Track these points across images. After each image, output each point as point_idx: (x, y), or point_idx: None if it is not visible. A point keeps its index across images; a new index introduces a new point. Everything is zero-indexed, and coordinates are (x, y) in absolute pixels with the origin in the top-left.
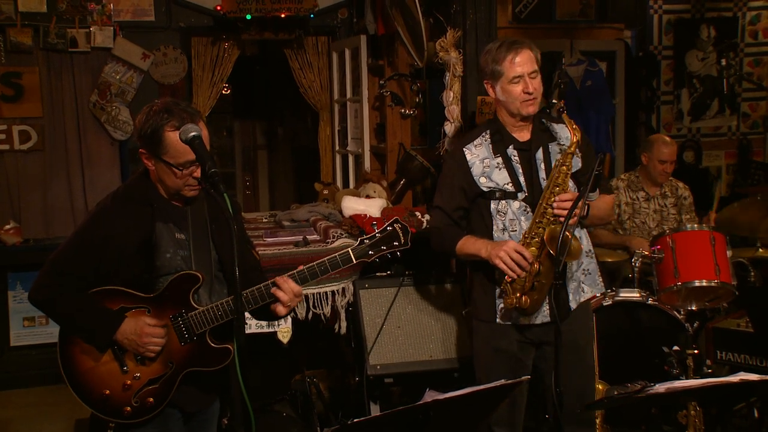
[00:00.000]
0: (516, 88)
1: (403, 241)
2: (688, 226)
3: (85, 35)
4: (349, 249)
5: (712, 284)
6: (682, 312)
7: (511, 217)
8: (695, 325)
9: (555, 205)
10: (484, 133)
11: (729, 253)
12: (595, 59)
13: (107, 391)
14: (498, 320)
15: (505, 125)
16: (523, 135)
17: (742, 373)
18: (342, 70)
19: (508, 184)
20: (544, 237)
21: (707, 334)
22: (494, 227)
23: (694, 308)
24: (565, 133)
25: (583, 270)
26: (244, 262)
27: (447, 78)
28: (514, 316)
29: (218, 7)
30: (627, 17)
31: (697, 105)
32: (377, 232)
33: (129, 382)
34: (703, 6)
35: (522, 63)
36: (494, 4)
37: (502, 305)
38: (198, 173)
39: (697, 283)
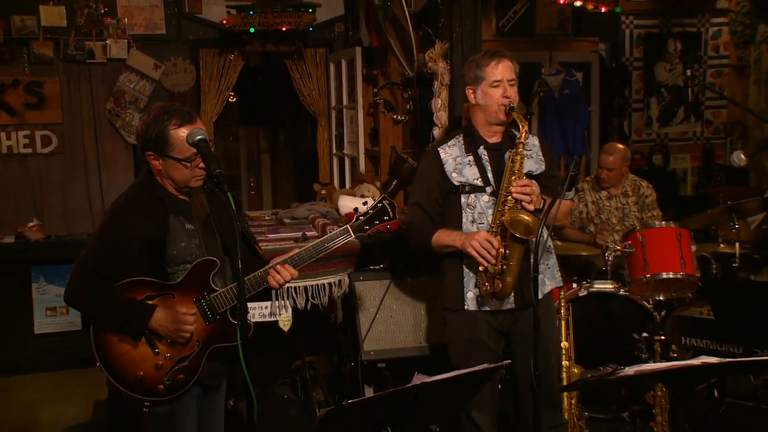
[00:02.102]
0: (496, 92)
1: (392, 215)
2: (657, 223)
3: (102, 47)
4: (347, 225)
5: (678, 276)
6: (650, 302)
7: (480, 211)
8: (662, 313)
9: (513, 190)
10: (458, 136)
11: (693, 247)
12: (572, 70)
13: (141, 373)
14: (466, 307)
15: (478, 129)
16: (494, 138)
17: (703, 356)
18: (339, 80)
19: (477, 179)
20: (505, 221)
21: (673, 321)
22: (464, 219)
23: (661, 298)
24: (533, 141)
25: (545, 264)
26: (246, 252)
27: (435, 86)
28: (487, 301)
29: (224, 21)
30: (601, 31)
31: (664, 112)
32: (369, 209)
33: (161, 362)
34: (670, 22)
35: (503, 70)
36: (479, 19)
37: (471, 294)
38: (203, 164)
39: (664, 275)
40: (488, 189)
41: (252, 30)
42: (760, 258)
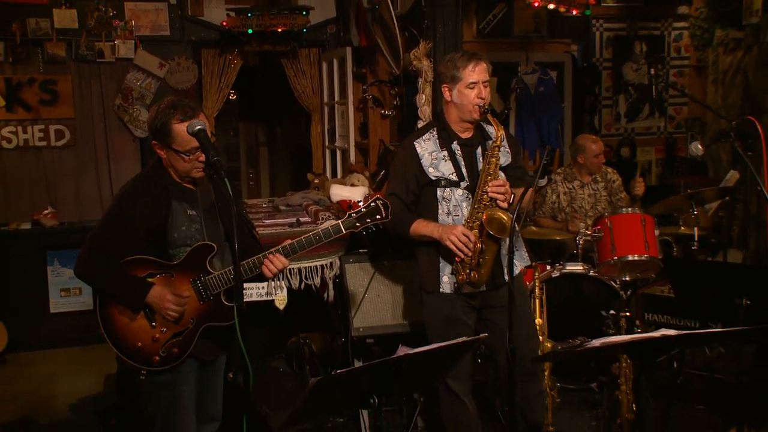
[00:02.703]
0: (471, 93)
1: (384, 215)
2: (623, 209)
3: (111, 48)
4: (339, 222)
5: (643, 258)
6: (617, 282)
7: (455, 203)
8: (628, 292)
9: (489, 190)
10: (431, 130)
11: (657, 232)
12: (546, 69)
13: (139, 344)
14: (442, 290)
15: (451, 125)
16: (466, 134)
17: (663, 329)
18: (331, 77)
19: (452, 174)
20: (483, 219)
21: (637, 299)
22: (440, 211)
23: (627, 278)
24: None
25: (514, 248)
26: (244, 237)
27: (420, 83)
28: (463, 287)
29: (224, 23)
30: (574, 34)
31: (631, 109)
32: (362, 207)
33: (157, 335)
34: (636, 25)
35: (479, 72)
36: (460, 21)
37: (446, 278)
38: (203, 158)
39: (630, 258)
40: (462, 184)
41: (250, 31)
42: (717, 241)
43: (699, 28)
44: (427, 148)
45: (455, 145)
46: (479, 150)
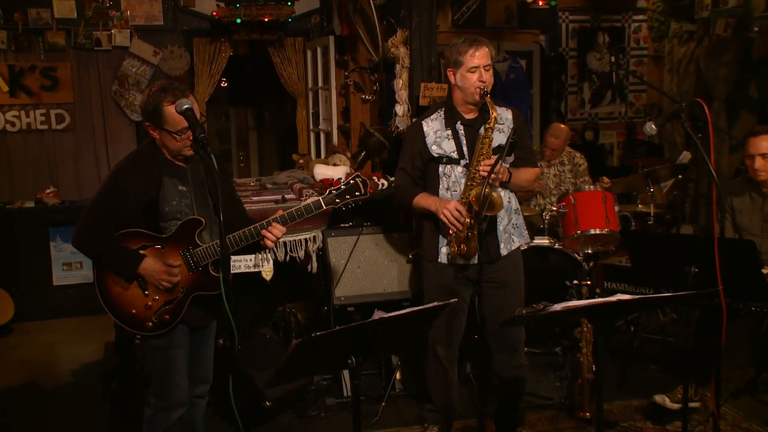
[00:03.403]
0: (473, 77)
1: (363, 191)
2: (586, 187)
3: (108, 36)
4: (320, 198)
5: (604, 232)
6: (580, 254)
7: (454, 180)
8: (591, 264)
9: (480, 168)
10: (439, 110)
11: (616, 208)
12: (517, 57)
13: (133, 311)
14: (439, 260)
15: (456, 106)
16: (470, 115)
17: (618, 294)
18: (315, 64)
19: (453, 152)
20: (472, 198)
21: (598, 269)
22: (440, 187)
23: (589, 251)
24: (506, 115)
25: (513, 224)
26: (233, 210)
27: (397, 69)
28: (455, 259)
29: (214, 13)
30: (542, 25)
31: (595, 95)
32: (342, 184)
33: (150, 303)
34: (599, 17)
35: (480, 57)
36: (434, 11)
37: (444, 249)
38: (190, 130)
39: (592, 232)
40: (462, 162)
41: (238, 21)
42: (671, 217)
43: (656, 20)
44: (433, 127)
45: (459, 125)
46: (482, 130)
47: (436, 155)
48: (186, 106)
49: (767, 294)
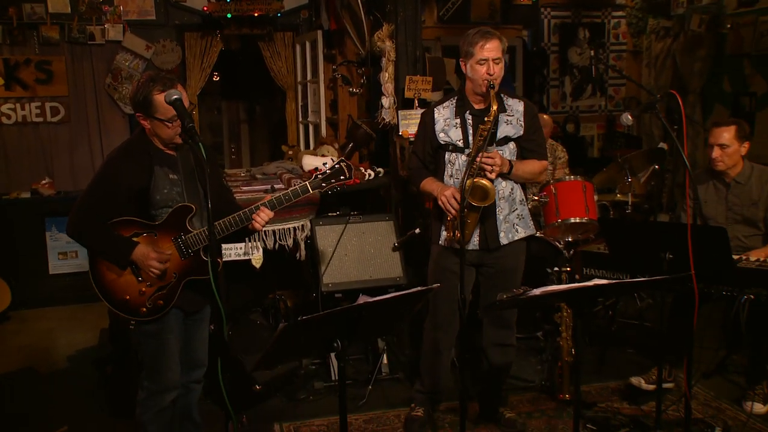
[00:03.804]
0: (481, 69)
1: (347, 175)
2: (566, 177)
3: (101, 31)
4: (307, 182)
5: (583, 221)
6: (561, 242)
7: (458, 167)
8: (571, 251)
9: (478, 159)
10: (452, 99)
11: (596, 197)
12: None
13: (127, 297)
14: (440, 242)
15: (467, 95)
16: (480, 105)
17: (596, 279)
18: (303, 58)
19: (459, 140)
20: (466, 188)
21: (577, 256)
22: (445, 173)
23: (570, 239)
24: (517, 107)
25: (518, 215)
26: (221, 198)
27: (383, 62)
28: (452, 243)
29: (205, 8)
30: (524, 20)
31: (576, 89)
32: (327, 169)
33: (143, 289)
34: (580, 14)
35: (490, 49)
36: (419, 5)
37: (443, 233)
38: (179, 120)
39: (572, 220)
40: (467, 150)
41: (229, 15)
42: (648, 207)
43: (634, 17)
44: (444, 114)
45: (468, 115)
46: (478, 129)
47: (443, 142)
48: (175, 97)
49: (738, 279)
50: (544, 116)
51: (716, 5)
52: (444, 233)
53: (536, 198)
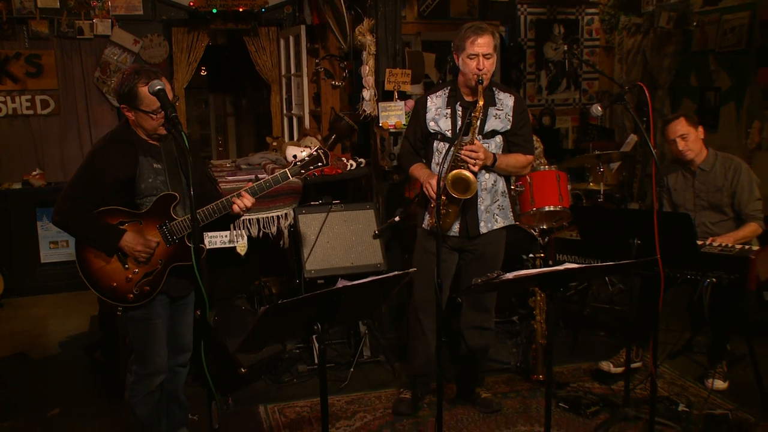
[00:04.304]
0: (472, 63)
1: (325, 162)
2: (541, 167)
3: (89, 26)
4: (287, 169)
5: (557, 209)
6: (536, 230)
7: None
8: (545, 239)
9: (462, 152)
10: (445, 89)
11: (569, 186)
12: None
13: (114, 284)
14: (424, 226)
15: (459, 87)
16: (470, 97)
17: (566, 263)
18: (287, 52)
19: (448, 130)
20: (448, 180)
21: (551, 243)
22: (433, 161)
23: (544, 227)
24: (508, 101)
25: (498, 206)
26: (203, 187)
27: (364, 56)
28: (432, 228)
29: (191, 3)
30: (502, 16)
31: (551, 83)
32: (306, 156)
33: (130, 276)
34: (555, 10)
35: (481, 45)
36: (398, 1)
37: (428, 217)
38: (162, 110)
39: (547, 209)
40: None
41: (214, 11)
42: (620, 196)
43: (607, 14)
44: (435, 103)
45: (458, 106)
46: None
47: (432, 131)
48: (158, 87)
49: (702, 263)
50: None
51: (683, 3)
52: (427, 218)
53: (512, 187)
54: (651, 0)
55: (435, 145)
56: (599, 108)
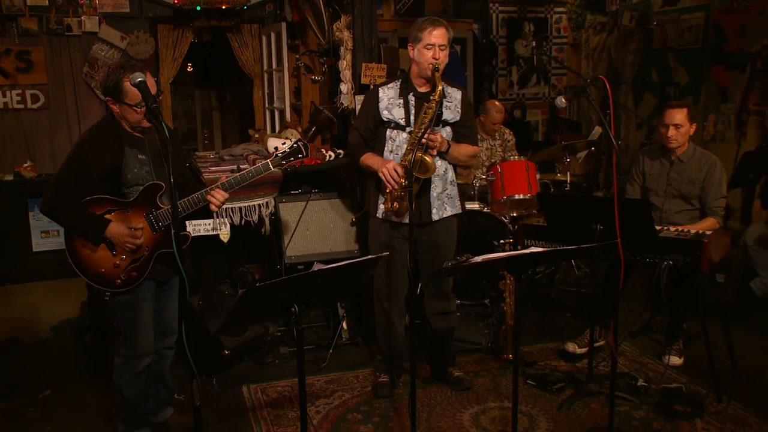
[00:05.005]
0: (427, 53)
1: (304, 153)
2: (512, 158)
3: (78, 22)
4: (268, 160)
5: (526, 197)
6: (507, 217)
7: (398, 144)
8: (515, 226)
9: (426, 136)
10: (397, 81)
11: (538, 176)
12: (452, 43)
13: (102, 270)
14: (378, 215)
15: (412, 78)
16: (423, 88)
17: (532, 247)
18: (269, 48)
19: (401, 119)
20: (408, 160)
21: (520, 229)
22: (385, 149)
23: (514, 214)
24: (456, 95)
25: (447, 194)
26: (184, 176)
27: (341, 51)
28: (389, 215)
29: (176, 1)
30: (474, 14)
31: (522, 78)
32: (286, 148)
33: (118, 262)
34: (525, 8)
35: (437, 36)
36: None
37: (381, 206)
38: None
39: (516, 197)
40: (407, 129)
41: (198, 8)
42: (586, 185)
43: (574, 12)
44: (388, 94)
45: (411, 96)
46: (423, 107)
47: (385, 119)
48: (139, 79)
49: (660, 247)
50: (497, 103)
51: (644, 3)
52: (381, 206)
53: (483, 177)
54: (615, 0)
55: (387, 133)
56: (563, 99)
